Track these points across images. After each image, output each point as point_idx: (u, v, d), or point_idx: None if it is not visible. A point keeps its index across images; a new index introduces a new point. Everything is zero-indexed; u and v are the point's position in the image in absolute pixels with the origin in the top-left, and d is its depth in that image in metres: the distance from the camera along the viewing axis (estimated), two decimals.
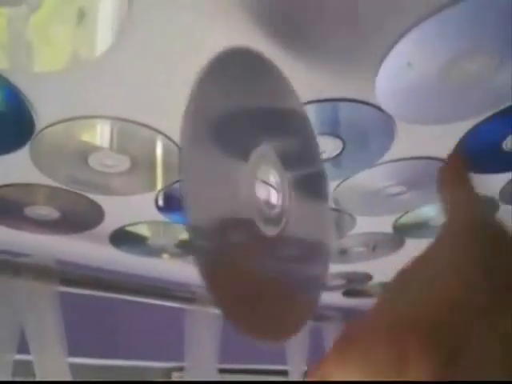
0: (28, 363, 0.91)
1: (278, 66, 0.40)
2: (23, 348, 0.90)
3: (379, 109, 0.54)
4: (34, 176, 0.66)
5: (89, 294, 1.02)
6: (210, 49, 0.46)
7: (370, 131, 0.60)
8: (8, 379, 0.89)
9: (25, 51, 0.46)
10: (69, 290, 0.98)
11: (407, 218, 0.86)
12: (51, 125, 0.56)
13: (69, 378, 0.94)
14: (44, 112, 0.54)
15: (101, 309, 1.08)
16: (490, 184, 0.75)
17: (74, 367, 0.95)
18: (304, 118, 0.46)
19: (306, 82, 0.51)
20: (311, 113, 0.55)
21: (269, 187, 0.40)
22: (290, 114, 0.45)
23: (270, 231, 0.38)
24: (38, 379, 0.91)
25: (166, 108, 0.54)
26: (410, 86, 0.52)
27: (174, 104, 0.54)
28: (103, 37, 0.46)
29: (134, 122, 0.56)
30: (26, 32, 0.44)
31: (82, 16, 0.44)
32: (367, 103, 0.54)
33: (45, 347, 0.94)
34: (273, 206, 0.39)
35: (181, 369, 1.19)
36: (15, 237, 0.87)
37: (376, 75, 0.49)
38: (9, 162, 0.62)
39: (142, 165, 0.65)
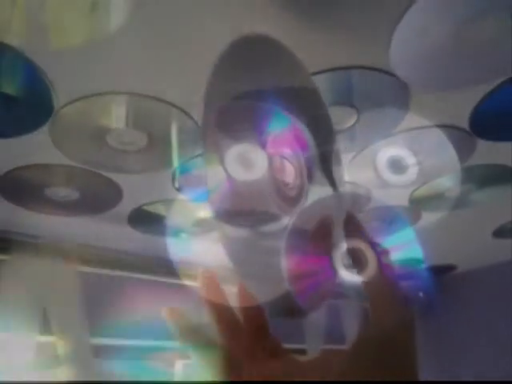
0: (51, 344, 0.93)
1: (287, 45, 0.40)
2: (46, 329, 0.92)
3: (394, 76, 0.54)
4: (53, 156, 0.68)
5: (109, 275, 1.03)
6: (219, 30, 0.46)
7: (385, 100, 0.59)
8: (32, 360, 0.91)
9: (39, 31, 0.47)
10: (90, 271, 0.99)
11: (423, 190, 0.86)
12: (70, 102, 0.56)
13: (92, 359, 0.96)
14: (62, 90, 0.55)
15: (121, 289, 1.10)
16: (506, 153, 0.74)
17: (95, 348, 0.97)
18: (315, 92, 0.46)
19: (320, 50, 0.51)
20: (325, 82, 0.55)
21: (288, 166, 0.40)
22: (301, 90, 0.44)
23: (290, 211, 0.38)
24: (61, 360, 0.93)
25: (181, 83, 0.55)
26: (423, 51, 0.51)
27: (188, 79, 0.54)
28: (116, 17, 0.47)
29: (150, 96, 0.57)
30: (41, 13, 0.45)
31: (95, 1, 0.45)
32: (381, 70, 0.54)
33: (67, 328, 0.96)
34: (291, 186, 0.39)
35: None
36: (37, 219, 0.89)
37: (390, 42, 0.49)
38: (29, 143, 0.64)
39: (159, 141, 0.65)
